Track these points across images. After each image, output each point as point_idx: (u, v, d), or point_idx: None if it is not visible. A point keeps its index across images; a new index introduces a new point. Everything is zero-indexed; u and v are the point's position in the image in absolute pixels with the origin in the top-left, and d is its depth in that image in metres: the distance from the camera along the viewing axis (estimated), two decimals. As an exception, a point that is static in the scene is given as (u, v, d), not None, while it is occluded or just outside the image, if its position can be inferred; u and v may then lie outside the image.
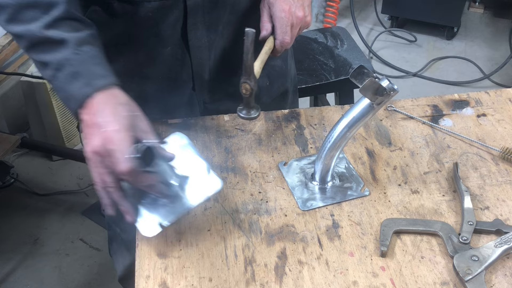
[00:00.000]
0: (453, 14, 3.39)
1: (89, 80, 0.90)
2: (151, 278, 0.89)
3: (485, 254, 0.88)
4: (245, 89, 1.02)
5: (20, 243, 2.23)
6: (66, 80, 0.91)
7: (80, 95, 0.90)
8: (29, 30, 0.92)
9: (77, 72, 0.91)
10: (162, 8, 1.06)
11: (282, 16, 1.05)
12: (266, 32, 1.07)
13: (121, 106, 0.90)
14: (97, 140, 0.87)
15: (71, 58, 0.91)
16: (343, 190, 1.03)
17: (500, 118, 1.18)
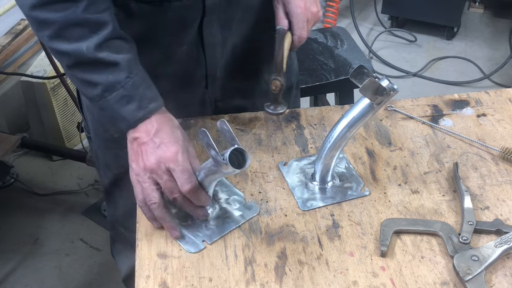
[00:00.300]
0: (453, 14, 3.39)
1: (142, 104, 0.93)
2: (151, 278, 0.89)
3: (485, 254, 0.88)
4: (275, 86, 1.05)
5: (20, 243, 2.23)
6: (117, 102, 0.93)
7: (133, 118, 0.93)
8: (78, 49, 0.91)
9: (130, 96, 0.93)
10: (181, 8, 1.06)
11: (299, 12, 1.09)
12: (285, 27, 1.10)
13: (177, 130, 0.95)
14: (153, 158, 0.91)
15: (123, 81, 0.92)
16: (343, 190, 1.03)
17: (500, 118, 1.18)
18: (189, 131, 1.16)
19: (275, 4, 1.11)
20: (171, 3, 1.05)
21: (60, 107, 2.51)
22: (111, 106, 0.93)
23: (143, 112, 0.93)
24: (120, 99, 0.93)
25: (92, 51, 0.91)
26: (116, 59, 0.92)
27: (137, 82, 0.94)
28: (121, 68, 0.92)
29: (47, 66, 2.40)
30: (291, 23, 1.10)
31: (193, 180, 0.91)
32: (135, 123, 0.93)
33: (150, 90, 0.96)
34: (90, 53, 0.91)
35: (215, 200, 1.00)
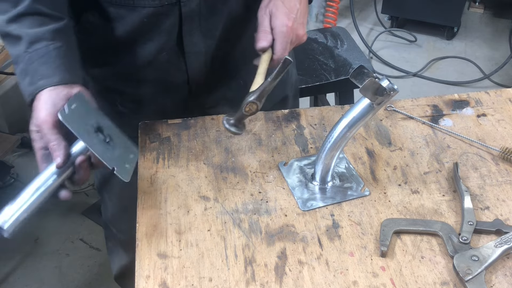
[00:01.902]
0: (453, 14, 3.40)
1: (33, 79, 0.93)
2: (151, 278, 0.89)
3: (485, 254, 0.88)
4: (249, 109, 0.99)
5: (20, 243, 2.23)
6: (19, 75, 0.95)
7: (27, 93, 0.94)
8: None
9: (25, 70, 0.94)
10: (157, 14, 1.06)
11: (284, 31, 1.02)
12: (267, 44, 1.02)
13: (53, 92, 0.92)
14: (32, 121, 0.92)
15: (22, 55, 0.94)
16: (343, 190, 1.03)
17: (500, 118, 1.18)
18: (189, 131, 1.16)
19: (261, 14, 1.05)
20: (145, 9, 1.05)
21: (60, 107, 2.50)
22: (18, 80, 0.95)
23: (33, 87, 0.93)
24: (20, 73, 0.94)
25: (4, 23, 0.95)
26: (19, 33, 0.94)
27: (33, 57, 0.94)
28: (23, 42, 0.94)
29: (47, 66, 2.40)
30: (275, 41, 1.03)
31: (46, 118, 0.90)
32: (28, 98, 0.93)
33: (46, 67, 0.94)
34: (2, 26, 0.95)
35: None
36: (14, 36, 0.94)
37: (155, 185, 1.05)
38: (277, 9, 1.02)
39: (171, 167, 1.08)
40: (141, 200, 1.02)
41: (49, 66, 0.94)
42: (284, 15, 1.02)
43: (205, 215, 0.99)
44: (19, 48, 0.94)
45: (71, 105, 0.91)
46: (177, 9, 1.07)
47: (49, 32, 0.95)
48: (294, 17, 1.03)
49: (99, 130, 0.94)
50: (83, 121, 0.93)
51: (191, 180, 1.06)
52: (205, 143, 1.14)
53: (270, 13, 1.03)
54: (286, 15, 1.02)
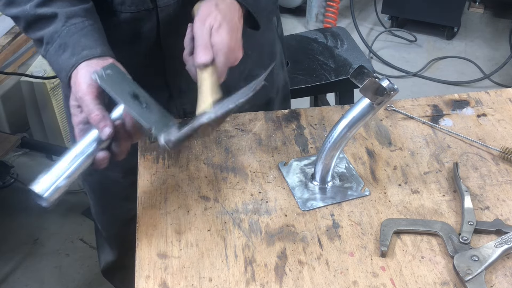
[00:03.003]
0: (453, 14, 3.40)
1: (74, 50, 0.92)
2: (151, 278, 0.89)
3: (485, 254, 0.88)
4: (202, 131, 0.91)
5: (20, 243, 2.23)
6: (56, 52, 0.94)
7: (68, 66, 0.92)
8: (23, 10, 0.96)
9: (65, 44, 0.93)
10: (134, 19, 1.07)
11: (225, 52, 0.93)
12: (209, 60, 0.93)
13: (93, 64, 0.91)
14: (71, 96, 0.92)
15: (60, 30, 0.94)
16: (343, 190, 1.03)
17: (500, 118, 1.18)
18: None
19: (198, 26, 0.95)
20: (122, 14, 1.06)
21: (60, 107, 2.51)
22: (53, 57, 0.95)
23: (76, 58, 0.92)
24: (58, 49, 0.94)
25: (33, 8, 0.95)
26: (54, 11, 0.95)
27: (72, 30, 0.94)
28: (59, 18, 0.94)
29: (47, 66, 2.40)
30: (214, 60, 0.94)
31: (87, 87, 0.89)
32: (70, 71, 0.92)
33: (87, 39, 0.94)
34: (32, 10, 0.95)
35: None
36: (48, 16, 0.95)
37: (155, 185, 1.05)
38: (219, 26, 0.94)
39: (171, 167, 1.08)
40: (141, 200, 1.02)
41: (90, 38, 0.95)
42: (227, 34, 0.93)
43: (205, 215, 0.99)
44: (55, 25, 0.94)
45: (106, 70, 0.90)
46: (154, 14, 1.07)
47: (82, 10, 0.97)
48: (236, 37, 0.96)
49: (135, 97, 0.91)
50: (119, 86, 0.91)
51: (191, 180, 1.06)
52: (205, 143, 1.14)
53: (210, 27, 0.94)
54: (229, 34, 0.94)
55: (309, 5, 3.55)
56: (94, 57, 0.92)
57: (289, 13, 3.73)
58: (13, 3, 0.98)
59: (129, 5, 1.05)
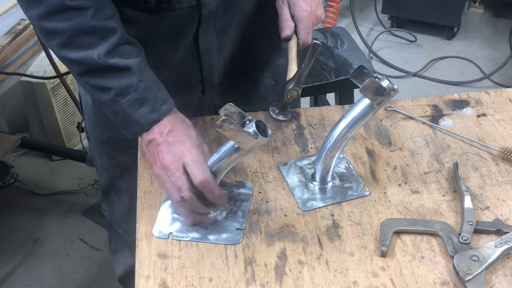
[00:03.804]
0: (453, 14, 3.39)
1: (155, 106, 0.94)
2: (151, 278, 0.89)
3: (485, 254, 0.88)
4: (291, 96, 1.09)
5: (20, 243, 2.23)
6: (130, 106, 0.94)
7: (147, 121, 0.94)
8: (88, 56, 0.91)
9: (143, 99, 0.94)
10: (177, 17, 1.07)
11: (305, 16, 1.08)
12: (290, 31, 1.09)
13: (190, 128, 0.96)
14: (169, 156, 0.92)
15: (136, 85, 0.93)
16: (343, 190, 1.03)
17: (500, 118, 1.18)
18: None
19: (279, 5, 1.10)
20: (167, 12, 1.06)
21: (60, 107, 2.51)
22: (124, 110, 0.94)
23: (157, 114, 0.94)
24: (133, 103, 0.93)
25: (103, 57, 0.91)
26: (127, 63, 0.93)
27: (149, 85, 0.94)
28: (133, 72, 0.93)
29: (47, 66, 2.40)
30: (297, 27, 1.09)
31: (207, 171, 0.90)
32: (148, 126, 0.94)
33: (162, 92, 0.96)
34: (101, 60, 0.91)
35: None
36: (120, 68, 0.92)
37: (155, 185, 1.05)
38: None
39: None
40: (141, 200, 1.02)
41: (163, 91, 0.97)
42: (302, 1, 1.08)
43: (205, 215, 0.99)
44: (129, 79, 0.93)
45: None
46: (197, 11, 1.07)
47: (144, 59, 0.97)
48: (311, 0, 1.09)
49: None
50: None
51: (191, 180, 1.06)
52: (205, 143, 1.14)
53: (288, 2, 1.09)
54: (304, 0, 1.08)
55: (309, 5, 3.55)
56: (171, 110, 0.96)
57: (289, 13, 3.72)
58: (71, 46, 0.92)
59: (174, 2, 1.05)
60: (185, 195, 0.91)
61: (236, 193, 1.02)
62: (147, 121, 0.94)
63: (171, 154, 0.92)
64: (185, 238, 0.95)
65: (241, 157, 0.90)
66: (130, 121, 0.95)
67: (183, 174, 0.91)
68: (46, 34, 0.93)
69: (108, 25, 0.92)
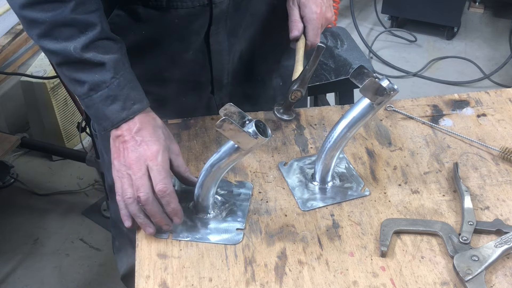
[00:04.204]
0: (453, 14, 3.39)
1: (126, 105, 0.94)
2: (151, 278, 0.89)
3: (485, 254, 0.88)
4: (295, 96, 1.10)
5: (20, 243, 2.23)
6: (101, 101, 0.94)
7: (117, 118, 0.94)
8: (65, 49, 0.92)
9: (114, 96, 0.94)
10: (188, 15, 1.07)
11: (314, 18, 1.09)
12: (298, 32, 1.10)
13: (159, 129, 0.95)
14: (134, 155, 0.92)
15: (109, 81, 0.93)
16: (343, 190, 1.03)
17: (500, 118, 1.18)
18: (189, 131, 1.16)
19: (289, 5, 1.11)
20: (178, 10, 1.05)
21: (60, 107, 2.51)
22: (96, 104, 0.95)
23: (126, 112, 0.94)
24: (105, 99, 0.94)
25: (79, 51, 0.92)
26: (102, 59, 0.93)
27: (122, 83, 0.94)
28: (107, 68, 0.93)
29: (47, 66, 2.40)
30: (306, 28, 1.10)
31: (169, 182, 0.91)
32: (118, 123, 0.94)
33: (135, 91, 0.96)
34: (77, 53, 0.92)
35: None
36: (95, 63, 0.93)
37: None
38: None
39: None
40: (141, 200, 1.02)
41: (137, 90, 0.97)
42: (313, 3, 1.10)
43: (205, 215, 0.99)
44: (102, 74, 0.93)
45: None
46: (208, 10, 1.07)
47: (123, 56, 0.97)
48: (321, 2, 1.11)
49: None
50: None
51: (191, 180, 1.06)
52: (205, 143, 1.14)
53: (298, 3, 1.10)
54: (314, 2, 1.10)
55: (309, 5, 3.55)
56: (142, 111, 0.95)
57: (289, 13, 3.72)
58: (50, 36, 0.92)
59: (185, 0, 1.05)
60: (142, 195, 0.91)
61: (236, 193, 1.02)
62: (117, 118, 0.94)
63: (136, 153, 0.92)
64: (185, 238, 0.95)
65: (241, 157, 0.89)
66: (101, 116, 0.95)
67: (145, 176, 0.91)
68: (27, 23, 0.94)
69: (88, 19, 0.92)
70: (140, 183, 0.91)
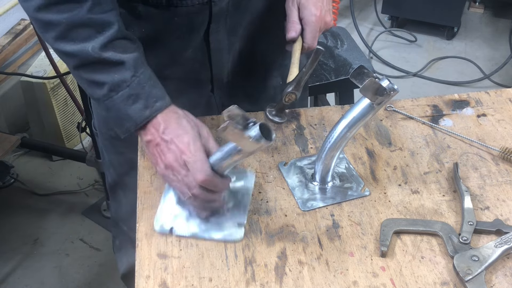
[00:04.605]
0: (453, 14, 3.39)
1: (148, 103, 0.93)
2: (151, 278, 0.89)
3: (485, 254, 0.88)
4: (289, 99, 1.05)
5: (20, 243, 2.23)
6: (123, 101, 0.92)
7: (140, 118, 0.93)
8: (83, 49, 0.90)
9: (136, 95, 0.92)
10: (188, 13, 1.07)
11: (313, 20, 1.07)
12: (296, 33, 1.08)
13: (183, 120, 0.94)
14: (170, 156, 0.91)
15: (129, 80, 0.92)
16: (343, 190, 1.03)
17: (500, 118, 1.18)
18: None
19: (289, 6, 1.09)
20: (178, 8, 1.05)
21: (60, 107, 2.51)
22: (117, 105, 0.93)
23: (150, 110, 0.93)
24: (126, 98, 0.92)
25: (98, 51, 0.90)
26: (121, 58, 0.92)
27: (142, 81, 0.93)
28: (127, 67, 0.92)
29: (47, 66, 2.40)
30: (304, 30, 1.09)
31: (206, 169, 0.89)
32: (141, 123, 0.93)
33: (157, 89, 0.95)
34: (95, 53, 0.90)
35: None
36: (114, 62, 0.91)
37: (155, 185, 1.05)
38: (306, 0, 1.07)
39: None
40: (141, 200, 1.02)
41: (158, 88, 0.95)
42: (312, 5, 1.07)
43: (205, 215, 0.99)
44: (122, 73, 0.92)
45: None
46: (207, 8, 1.07)
47: (141, 55, 0.96)
48: (321, 6, 1.08)
49: None
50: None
51: (191, 180, 1.06)
52: (205, 143, 1.14)
53: (298, 4, 1.08)
54: (314, 4, 1.07)
55: (309, 5, 3.55)
56: (165, 108, 0.94)
57: (289, 13, 3.72)
58: (67, 38, 0.91)
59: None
60: (195, 192, 0.90)
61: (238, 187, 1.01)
62: (140, 117, 0.93)
63: (171, 153, 0.91)
64: (187, 233, 0.94)
65: (243, 159, 0.89)
66: (123, 117, 0.94)
67: (188, 172, 0.90)
68: (42, 26, 0.92)
69: (105, 19, 0.91)
70: (187, 181, 0.90)
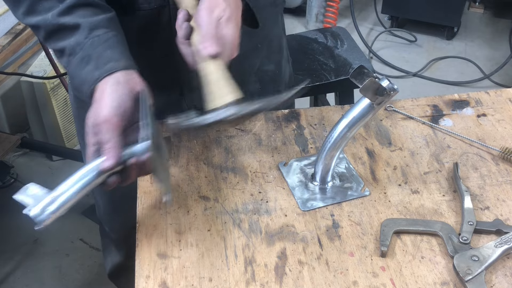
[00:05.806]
0: (453, 14, 3.40)
1: (98, 64, 0.90)
2: (151, 278, 0.89)
3: (485, 254, 0.88)
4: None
5: (20, 243, 2.23)
6: (78, 64, 0.91)
7: (91, 79, 0.90)
8: (45, 19, 0.93)
9: (88, 56, 0.91)
10: (149, 16, 1.07)
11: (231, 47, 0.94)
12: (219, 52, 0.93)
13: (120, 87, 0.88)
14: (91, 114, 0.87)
15: (83, 42, 0.91)
16: (343, 190, 1.03)
17: (500, 118, 1.18)
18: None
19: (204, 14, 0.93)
20: (136, 11, 1.06)
21: (60, 107, 2.51)
22: (75, 70, 0.92)
23: (99, 72, 0.89)
24: (80, 61, 0.91)
25: (56, 17, 0.92)
26: (77, 21, 0.92)
27: (96, 42, 0.91)
28: (82, 29, 0.92)
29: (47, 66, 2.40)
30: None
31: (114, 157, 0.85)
32: (93, 84, 0.90)
33: (112, 51, 0.92)
34: (54, 20, 0.92)
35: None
36: (70, 26, 0.92)
37: (155, 185, 1.05)
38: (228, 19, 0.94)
39: (171, 167, 1.08)
40: (141, 200, 1.02)
41: (114, 51, 0.92)
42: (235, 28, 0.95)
43: (205, 215, 0.99)
44: (77, 36, 0.91)
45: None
46: (167, 11, 1.07)
47: (105, 20, 0.94)
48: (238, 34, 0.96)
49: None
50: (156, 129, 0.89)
51: (191, 180, 1.06)
52: (205, 143, 1.14)
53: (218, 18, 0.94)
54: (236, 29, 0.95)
55: (309, 5, 3.56)
56: (118, 70, 0.90)
57: (289, 13, 3.73)
58: (33, 12, 0.94)
59: (141, 2, 1.05)
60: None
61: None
62: (92, 78, 0.90)
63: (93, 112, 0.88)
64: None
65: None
66: (80, 81, 0.92)
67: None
68: (13, 3, 0.96)
69: None
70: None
